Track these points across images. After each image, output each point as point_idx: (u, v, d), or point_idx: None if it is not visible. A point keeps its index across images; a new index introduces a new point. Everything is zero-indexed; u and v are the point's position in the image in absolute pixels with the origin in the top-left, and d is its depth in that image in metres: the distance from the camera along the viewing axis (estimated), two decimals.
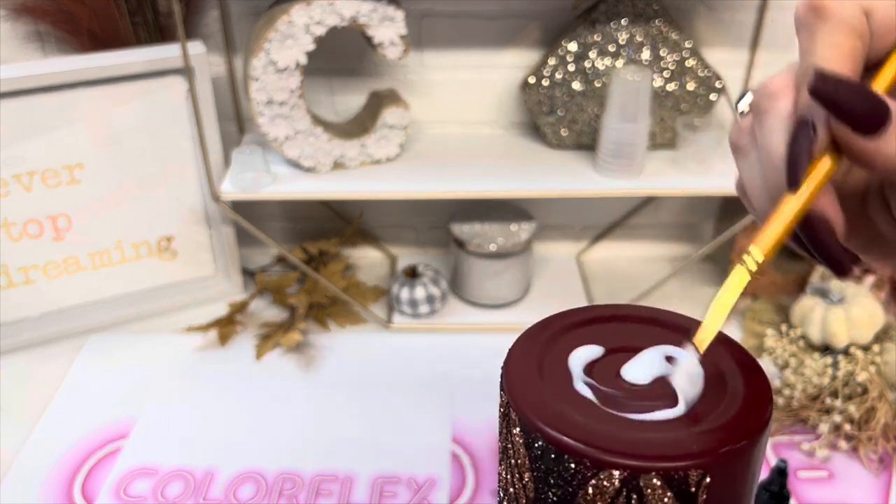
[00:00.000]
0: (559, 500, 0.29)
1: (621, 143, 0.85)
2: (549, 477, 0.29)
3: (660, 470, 0.27)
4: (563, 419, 0.29)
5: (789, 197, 0.27)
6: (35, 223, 0.88)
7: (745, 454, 0.29)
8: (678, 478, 0.27)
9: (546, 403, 0.30)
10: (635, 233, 1.09)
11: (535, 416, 0.29)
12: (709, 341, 0.30)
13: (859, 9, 0.27)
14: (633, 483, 0.28)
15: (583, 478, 0.28)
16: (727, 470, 0.28)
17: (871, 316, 0.80)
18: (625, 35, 0.87)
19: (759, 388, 0.31)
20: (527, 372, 0.32)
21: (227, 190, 0.87)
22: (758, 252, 0.28)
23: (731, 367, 0.33)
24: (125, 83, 0.85)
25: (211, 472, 0.75)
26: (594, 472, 0.28)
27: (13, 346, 0.91)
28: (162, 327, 0.95)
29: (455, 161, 0.92)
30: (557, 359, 0.33)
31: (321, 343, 0.92)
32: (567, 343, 0.34)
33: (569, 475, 0.28)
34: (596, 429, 0.29)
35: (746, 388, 0.31)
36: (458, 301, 0.98)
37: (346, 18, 0.80)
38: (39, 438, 0.79)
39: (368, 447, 0.77)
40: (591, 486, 0.28)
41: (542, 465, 0.29)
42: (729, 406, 0.30)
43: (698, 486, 0.28)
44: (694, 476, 0.27)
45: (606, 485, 0.28)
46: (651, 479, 0.27)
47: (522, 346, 0.35)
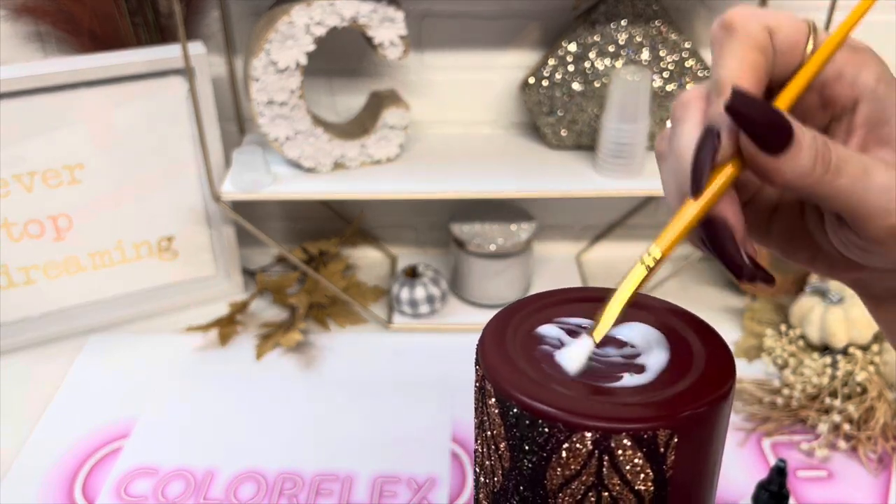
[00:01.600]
0: (534, 466, 0.31)
1: (621, 143, 0.85)
2: (523, 443, 0.31)
3: (630, 430, 0.29)
4: (536, 387, 0.31)
5: (690, 200, 0.29)
6: (35, 223, 0.88)
7: (711, 415, 0.30)
8: (647, 438, 0.29)
9: (520, 374, 0.32)
10: (635, 233, 1.09)
11: (510, 385, 0.31)
12: (604, 332, 0.32)
13: (763, 26, 0.29)
14: (604, 444, 0.29)
15: (556, 442, 0.29)
16: (694, 431, 0.30)
17: (871, 316, 0.80)
18: (624, 35, 0.87)
19: (722, 355, 0.33)
20: (501, 346, 0.34)
21: (227, 190, 0.87)
22: (656, 249, 0.31)
23: (694, 338, 0.34)
24: (125, 83, 0.85)
25: (211, 471, 0.75)
26: (567, 434, 0.29)
27: (13, 346, 0.91)
28: (162, 327, 0.95)
29: (455, 161, 0.92)
30: (530, 335, 0.35)
31: (321, 343, 0.92)
32: (540, 320, 0.36)
33: (543, 440, 0.30)
34: (568, 395, 0.30)
35: (709, 357, 0.33)
36: (458, 301, 0.98)
37: (347, 19, 0.81)
38: (39, 438, 0.79)
39: (368, 447, 0.77)
40: (565, 450, 0.29)
41: (517, 433, 0.31)
42: (694, 372, 0.32)
43: (667, 447, 0.29)
44: (662, 436, 0.29)
45: (579, 447, 0.29)
46: (622, 440, 0.29)
47: (497, 322, 0.36)
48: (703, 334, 0.35)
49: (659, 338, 0.34)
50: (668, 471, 0.30)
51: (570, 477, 0.30)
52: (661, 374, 0.32)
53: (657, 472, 0.29)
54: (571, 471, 0.30)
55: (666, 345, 0.34)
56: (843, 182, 0.27)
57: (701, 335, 0.34)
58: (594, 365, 0.33)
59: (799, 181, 0.27)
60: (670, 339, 0.34)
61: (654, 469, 0.29)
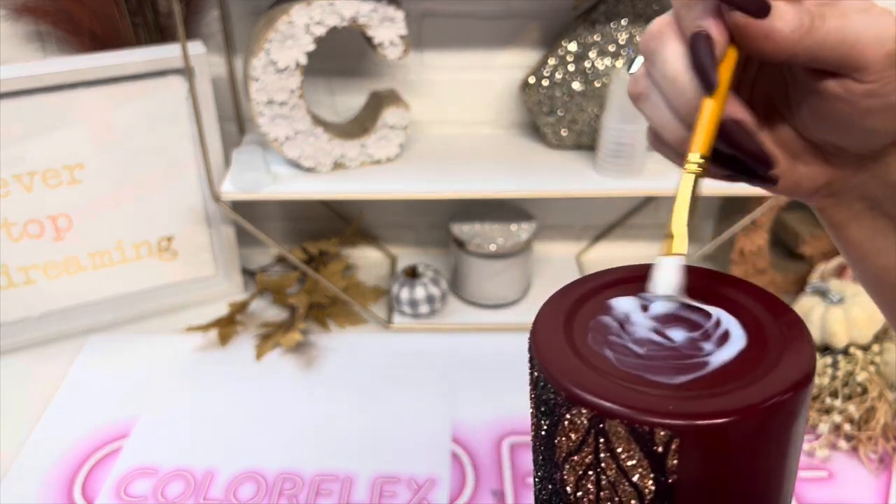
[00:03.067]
0: (548, 430, 0.30)
1: (621, 143, 0.85)
2: (541, 405, 0.30)
3: (623, 417, 0.27)
4: (560, 352, 0.30)
5: (707, 100, 0.30)
6: (35, 223, 0.88)
7: (721, 433, 0.27)
8: (642, 431, 0.27)
9: (554, 338, 0.31)
10: (635, 233, 1.09)
11: (540, 346, 0.31)
12: (679, 237, 0.31)
13: None
14: (599, 425, 0.28)
15: (562, 408, 0.29)
16: (705, 441, 0.27)
17: (871, 316, 0.80)
18: (625, 35, 0.87)
19: (800, 376, 0.28)
20: (556, 312, 0.33)
21: (227, 190, 0.87)
22: (695, 154, 0.30)
23: (778, 343, 0.30)
24: (125, 83, 0.85)
25: (211, 472, 0.75)
26: (568, 406, 0.28)
27: (13, 346, 0.91)
28: (162, 327, 0.95)
29: (455, 161, 0.92)
30: (601, 304, 0.34)
31: (321, 343, 0.92)
32: (606, 297, 0.34)
33: (553, 404, 0.29)
34: (585, 368, 0.29)
35: (781, 372, 0.29)
36: (458, 301, 0.98)
37: (346, 18, 0.80)
38: (39, 438, 0.79)
39: (368, 447, 0.77)
40: (566, 420, 0.29)
41: (540, 395, 0.31)
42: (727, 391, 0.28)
43: (666, 448, 0.27)
44: (661, 435, 0.27)
45: (578, 421, 0.28)
46: (616, 426, 0.27)
47: (562, 291, 0.35)
48: (785, 328, 0.31)
49: (739, 339, 0.31)
50: (671, 475, 0.27)
51: (573, 449, 0.29)
52: (708, 375, 0.29)
53: (658, 473, 0.27)
54: (573, 441, 0.29)
55: (740, 348, 0.30)
56: (831, 24, 0.28)
57: (788, 342, 0.30)
58: (651, 344, 0.31)
59: (793, 36, 0.28)
60: (751, 339, 0.31)
61: (654, 468, 0.27)
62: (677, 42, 0.30)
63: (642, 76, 0.32)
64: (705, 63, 0.29)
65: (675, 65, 0.30)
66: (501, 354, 0.90)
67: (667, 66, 0.30)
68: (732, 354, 0.30)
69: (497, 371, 0.87)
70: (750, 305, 0.33)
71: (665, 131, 0.32)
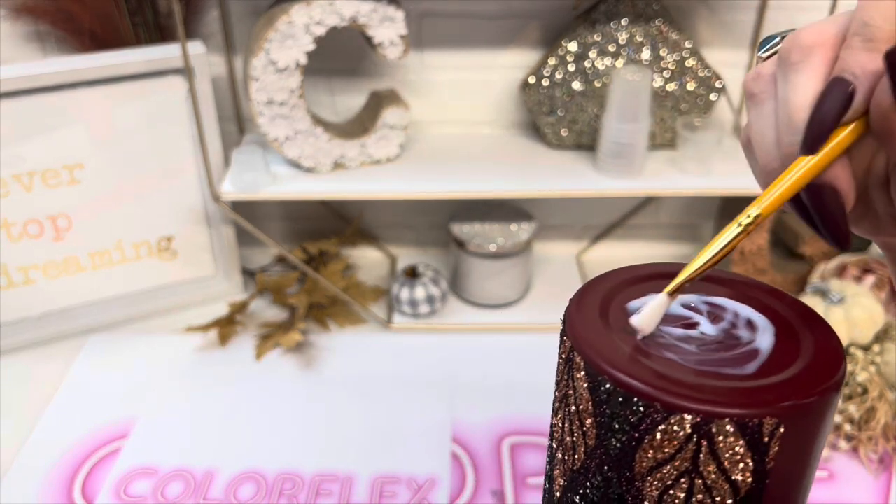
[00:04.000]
0: (623, 446, 0.29)
1: (621, 143, 0.85)
2: (613, 422, 0.29)
3: (734, 416, 0.27)
4: (631, 362, 0.29)
5: (803, 159, 0.27)
6: (35, 223, 0.88)
7: (820, 406, 0.28)
8: (752, 426, 0.27)
9: (613, 347, 0.30)
10: (635, 233, 1.09)
11: (602, 358, 0.29)
12: (678, 285, 0.30)
13: None
14: (704, 429, 0.27)
15: (651, 422, 0.27)
16: (802, 422, 0.28)
17: (871, 316, 0.80)
18: (625, 35, 0.87)
19: (829, 342, 0.31)
20: (590, 318, 0.32)
21: (227, 190, 0.87)
22: (755, 209, 0.28)
23: (798, 321, 0.32)
24: (125, 83, 0.85)
25: (211, 472, 0.75)
26: (664, 416, 0.27)
27: (13, 346, 0.91)
28: (162, 327, 0.95)
29: (455, 161, 0.92)
30: (621, 308, 0.33)
31: (321, 343, 0.92)
32: (631, 294, 0.34)
33: (636, 419, 0.28)
34: (665, 374, 0.28)
35: (817, 343, 0.30)
36: (458, 301, 0.98)
37: (346, 18, 0.80)
38: (39, 438, 0.79)
39: (368, 447, 0.77)
40: (660, 432, 0.27)
41: (608, 410, 0.29)
42: (802, 360, 0.30)
43: (772, 437, 0.27)
44: (769, 425, 0.27)
45: (676, 430, 0.27)
46: (724, 426, 0.27)
47: (584, 293, 0.34)
48: (808, 320, 0.32)
49: (763, 321, 0.32)
50: (769, 462, 0.28)
51: (663, 461, 0.28)
52: (768, 360, 0.30)
53: (757, 463, 0.28)
54: (664, 454, 0.28)
55: (771, 329, 0.32)
56: None
57: (807, 321, 0.32)
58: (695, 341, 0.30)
59: None
60: (775, 323, 0.32)
61: (754, 459, 0.27)
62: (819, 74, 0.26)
63: (768, 77, 0.29)
64: (825, 120, 0.26)
65: (802, 98, 0.26)
66: (501, 354, 0.90)
67: (795, 93, 0.27)
68: (772, 338, 0.31)
69: (497, 371, 0.87)
70: (749, 292, 0.34)
71: (759, 149, 0.29)
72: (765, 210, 0.28)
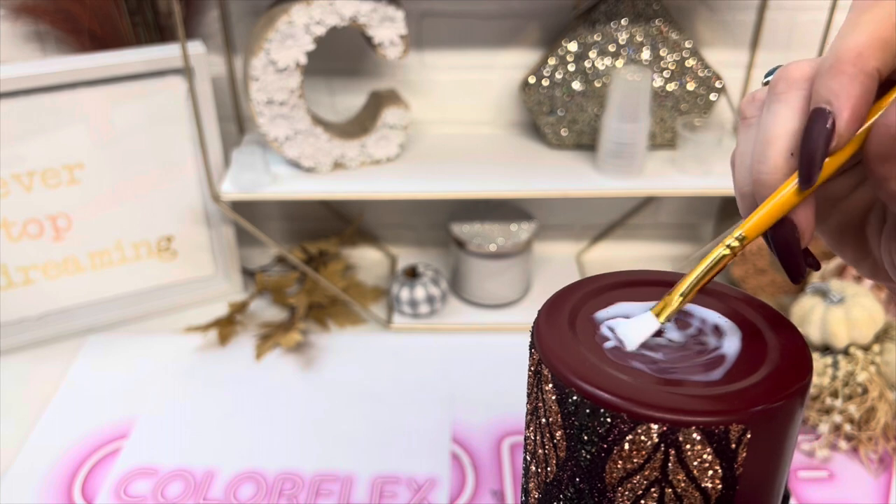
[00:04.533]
0: (592, 457, 0.29)
1: (621, 143, 0.85)
2: (582, 433, 0.29)
3: (700, 424, 0.27)
4: (598, 373, 0.29)
5: (788, 184, 0.27)
6: (35, 223, 0.88)
7: (786, 410, 0.28)
8: (718, 433, 0.27)
9: (580, 359, 0.30)
10: (635, 233, 1.09)
11: (569, 370, 0.29)
12: (670, 314, 0.30)
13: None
14: (671, 438, 0.27)
15: (619, 433, 0.27)
16: (769, 427, 0.28)
17: (871, 316, 0.80)
18: (625, 35, 0.87)
19: (796, 345, 0.31)
20: (558, 329, 0.32)
21: (226, 190, 0.87)
22: (740, 232, 0.29)
23: (765, 326, 0.32)
24: (125, 83, 0.85)
25: (211, 472, 0.75)
26: (631, 426, 0.27)
27: (13, 346, 0.91)
28: (162, 327, 0.95)
29: (455, 161, 0.92)
30: (589, 318, 0.33)
31: (321, 343, 0.92)
32: (600, 304, 0.34)
33: (604, 430, 0.28)
34: (632, 383, 0.28)
35: (783, 347, 0.31)
36: (458, 301, 0.98)
37: (346, 18, 0.80)
38: (39, 438, 0.79)
39: (368, 447, 0.77)
40: (628, 442, 0.27)
41: (576, 422, 0.29)
42: (768, 364, 0.30)
43: (739, 443, 0.27)
44: (735, 431, 0.27)
45: (644, 440, 0.27)
46: (691, 434, 0.27)
47: (553, 303, 0.34)
48: (775, 324, 0.32)
49: (730, 326, 0.32)
50: (738, 468, 0.28)
51: (632, 471, 0.28)
52: (734, 366, 0.30)
53: (726, 470, 0.28)
54: (634, 464, 0.28)
55: (738, 334, 0.32)
56: None
57: (773, 325, 0.32)
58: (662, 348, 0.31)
59: None
60: (742, 327, 0.32)
61: (723, 466, 0.28)
62: (797, 105, 0.27)
63: (759, 103, 0.29)
64: (814, 153, 0.26)
65: (777, 129, 0.27)
66: (501, 354, 0.90)
67: (772, 121, 0.27)
68: (739, 343, 0.31)
69: (497, 371, 0.87)
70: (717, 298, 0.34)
71: (736, 165, 0.30)
72: (750, 232, 0.28)
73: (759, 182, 0.28)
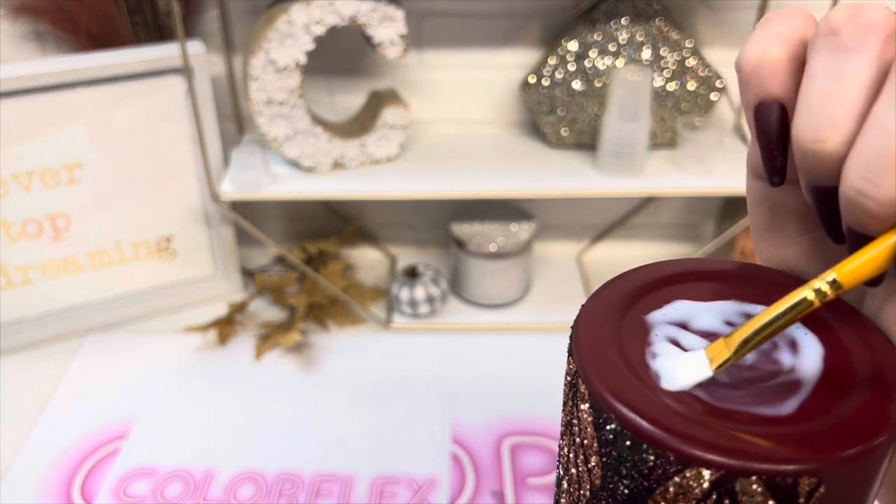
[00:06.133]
0: (631, 493, 0.24)
1: (622, 142, 0.85)
2: (620, 466, 0.24)
3: (762, 472, 0.22)
4: (643, 398, 0.24)
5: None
6: (34, 223, 0.88)
7: (874, 458, 0.23)
8: (785, 485, 0.22)
9: (625, 378, 0.25)
10: (635, 233, 1.08)
11: (609, 391, 0.24)
12: (724, 361, 0.24)
13: None
14: (726, 487, 0.22)
15: (663, 473, 0.23)
16: (849, 478, 0.23)
17: None
18: (625, 34, 0.87)
19: (891, 378, 0.25)
20: (602, 334, 0.26)
21: (226, 190, 0.87)
22: (832, 277, 0.23)
23: (855, 342, 0.26)
24: (124, 83, 0.85)
25: (210, 472, 0.75)
26: (678, 468, 0.23)
27: (12, 347, 0.91)
28: (161, 327, 0.95)
29: (455, 161, 0.92)
30: (640, 321, 0.27)
31: (321, 343, 0.92)
32: (653, 301, 0.28)
33: (646, 468, 0.23)
34: (684, 414, 0.23)
35: (877, 371, 0.25)
36: (458, 301, 0.98)
37: (346, 18, 0.80)
38: (39, 438, 0.79)
39: (368, 447, 0.77)
40: (673, 485, 0.23)
41: (614, 452, 0.24)
42: (856, 395, 0.24)
43: (809, 497, 0.22)
44: (806, 485, 0.22)
45: (693, 485, 0.23)
46: (750, 485, 0.22)
47: (600, 300, 0.28)
48: (868, 339, 0.26)
49: (812, 342, 0.26)
50: None
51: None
52: (811, 395, 0.24)
53: None
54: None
55: (820, 352, 0.26)
56: None
57: (866, 340, 0.26)
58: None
59: None
60: (826, 343, 0.26)
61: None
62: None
63: (870, 33, 0.24)
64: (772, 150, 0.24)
65: None
66: (501, 354, 0.90)
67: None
68: (819, 362, 0.26)
69: (497, 371, 0.87)
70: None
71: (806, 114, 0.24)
72: (848, 282, 0.23)
73: (865, 210, 0.22)
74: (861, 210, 0.22)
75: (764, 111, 0.25)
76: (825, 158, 0.23)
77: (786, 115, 0.25)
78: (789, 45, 0.24)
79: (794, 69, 0.24)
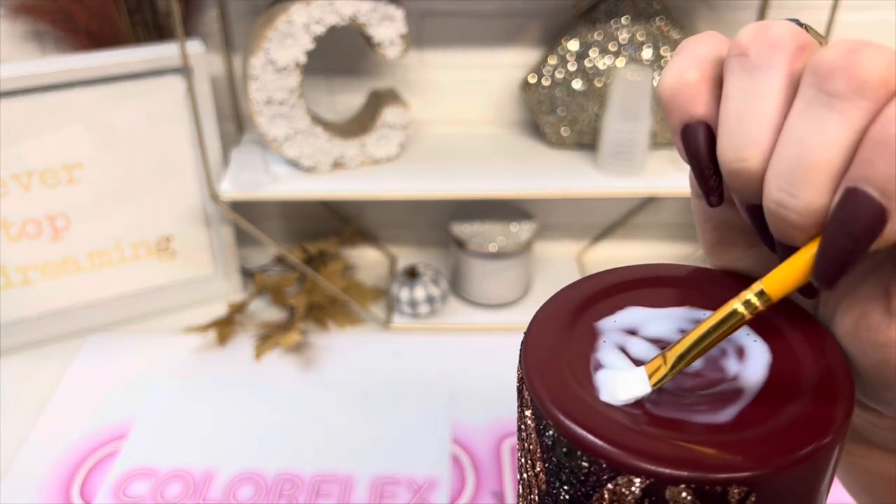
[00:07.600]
0: (572, 498, 0.25)
1: (622, 142, 0.85)
2: (560, 472, 0.24)
3: (692, 481, 0.22)
4: (581, 406, 0.24)
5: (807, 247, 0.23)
6: (33, 223, 0.87)
7: (809, 469, 0.23)
8: (714, 494, 0.22)
9: (566, 385, 0.25)
10: (636, 233, 1.08)
11: (550, 399, 0.24)
12: (661, 377, 0.24)
13: None
14: (658, 494, 0.22)
15: (597, 480, 0.23)
16: (783, 488, 0.22)
17: None
18: (626, 34, 0.87)
19: (835, 378, 0.24)
20: (550, 342, 0.27)
21: (225, 190, 0.87)
22: (760, 288, 0.24)
23: (804, 348, 0.26)
24: (124, 82, 0.85)
25: (210, 472, 0.75)
26: (611, 475, 0.23)
27: (12, 347, 0.90)
28: (161, 327, 0.95)
29: (455, 161, 0.92)
30: (590, 327, 0.27)
31: (320, 343, 0.91)
32: (605, 308, 0.28)
33: (582, 474, 0.24)
34: (621, 423, 0.24)
35: (822, 379, 0.25)
36: (458, 301, 0.98)
37: (346, 17, 0.80)
38: (38, 439, 0.79)
39: (368, 447, 0.77)
40: (608, 491, 0.23)
41: (554, 458, 0.25)
42: (797, 402, 0.24)
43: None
44: (736, 494, 0.22)
45: (625, 492, 0.23)
46: (680, 493, 0.22)
47: (551, 306, 0.28)
48: (817, 345, 0.26)
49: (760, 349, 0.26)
50: None
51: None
52: (751, 403, 0.24)
53: None
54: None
55: (767, 359, 0.26)
56: None
57: (815, 346, 0.26)
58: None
59: None
60: (774, 350, 0.26)
61: None
62: (856, 122, 0.21)
63: (774, 49, 0.24)
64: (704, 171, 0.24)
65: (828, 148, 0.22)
66: (501, 354, 0.89)
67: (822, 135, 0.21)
68: (764, 369, 0.25)
69: (497, 371, 0.87)
70: None
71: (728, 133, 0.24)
72: (775, 293, 0.23)
73: (786, 221, 0.23)
74: (783, 221, 0.23)
75: (690, 133, 0.25)
76: (749, 177, 0.23)
77: (712, 135, 0.25)
78: (705, 67, 0.24)
79: (713, 89, 0.25)
